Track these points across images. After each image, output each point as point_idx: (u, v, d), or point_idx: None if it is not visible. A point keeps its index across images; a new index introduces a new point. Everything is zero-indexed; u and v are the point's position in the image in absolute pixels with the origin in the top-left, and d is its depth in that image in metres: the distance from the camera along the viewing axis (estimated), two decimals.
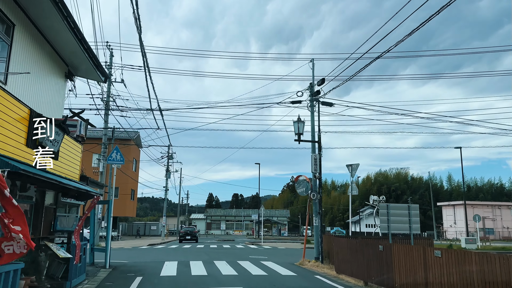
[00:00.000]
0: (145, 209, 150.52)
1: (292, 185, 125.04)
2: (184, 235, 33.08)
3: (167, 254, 16.07)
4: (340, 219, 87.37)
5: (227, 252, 17.94)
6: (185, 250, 19.49)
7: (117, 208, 51.09)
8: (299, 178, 14.34)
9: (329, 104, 14.67)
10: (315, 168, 13.78)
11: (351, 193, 15.55)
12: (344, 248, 10.79)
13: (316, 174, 13.75)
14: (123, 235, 57.09)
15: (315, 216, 13.98)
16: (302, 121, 13.99)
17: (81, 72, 11.29)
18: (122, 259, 14.37)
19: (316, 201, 13.99)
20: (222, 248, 21.95)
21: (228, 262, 13.37)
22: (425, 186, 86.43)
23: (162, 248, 21.57)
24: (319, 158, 13.87)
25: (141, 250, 19.97)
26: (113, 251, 18.30)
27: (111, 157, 12.51)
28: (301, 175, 14.29)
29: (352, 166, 15.66)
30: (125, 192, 51.45)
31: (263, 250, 19.98)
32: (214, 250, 18.97)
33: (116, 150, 12.63)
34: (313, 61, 14.95)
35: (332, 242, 12.97)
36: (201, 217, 76.60)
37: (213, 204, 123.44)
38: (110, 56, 24.32)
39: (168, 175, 44.09)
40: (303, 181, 14.29)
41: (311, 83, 14.85)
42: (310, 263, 13.10)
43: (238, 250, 19.79)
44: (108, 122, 23.80)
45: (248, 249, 21.19)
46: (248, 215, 73.47)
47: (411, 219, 13.41)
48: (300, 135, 13.91)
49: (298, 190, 14.37)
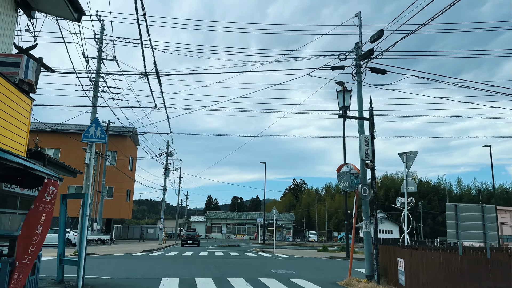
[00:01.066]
0: (143, 211, 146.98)
1: (295, 188, 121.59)
2: (186, 239, 32.37)
3: (164, 265, 12.40)
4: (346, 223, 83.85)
5: (239, 263, 14.29)
6: (186, 259, 15.84)
7: (111, 209, 47.36)
8: (342, 168, 10.72)
9: (381, 72, 11.08)
10: (366, 154, 10.19)
11: (406, 190, 11.93)
12: (433, 267, 7.17)
13: (368, 161, 10.16)
14: (118, 238, 53.32)
15: (366, 219, 10.37)
16: (348, 90, 10.44)
17: (44, 3, 7.71)
18: (105, 274, 10.76)
19: (367, 199, 10.39)
20: (230, 256, 18.29)
21: (248, 280, 9.78)
22: (434, 191, 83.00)
23: (159, 256, 17.90)
24: (371, 140, 10.29)
25: (134, 258, 16.30)
26: (98, 261, 14.71)
27: (88, 133, 8.94)
28: (346, 163, 10.66)
29: (407, 155, 12.03)
30: (120, 192, 47.63)
31: (281, 260, 16.34)
32: (223, 260, 15.31)
33: (96, 124, 9.05)
34: (360, 14, 11.38)
35: (392, 255, 9.36)
36: (201, 220, 72.84)
37: (212, 207, 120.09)
38: (100, 29, 20.74)
39: (167, 173, 40.43)
40: (348, 171, 10.68)
41: (358, 43, 11.26)
42: (361, 284, 9.48)
43: (251, 260, 16.14)
44: (96, 106, 20.19)
45: (261, 258, 17.54)
46: (250, 218, 69.73)
47: (486, 224, 9.91)
48: (346, 109, 10.35)
49: (340, 185, 10.75)
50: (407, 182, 11.95)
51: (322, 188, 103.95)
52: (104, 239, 37.35)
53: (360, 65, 11.06)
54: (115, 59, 20.44)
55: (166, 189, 42.11)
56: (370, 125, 10.43)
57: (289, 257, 19.56)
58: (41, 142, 11.53)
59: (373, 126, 10.40)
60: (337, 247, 32.98)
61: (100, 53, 20.40)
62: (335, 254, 21.04)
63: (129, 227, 59.84)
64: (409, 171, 11.89)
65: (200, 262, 14.29)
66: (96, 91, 19.99)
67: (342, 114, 10.26)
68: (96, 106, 19.12)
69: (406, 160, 11.97)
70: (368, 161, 10.21)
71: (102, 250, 22.83)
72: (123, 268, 12.21)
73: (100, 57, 20.36)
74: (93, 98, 19.96)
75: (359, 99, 10.93)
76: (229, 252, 22.63)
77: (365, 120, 10.54)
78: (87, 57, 19.50)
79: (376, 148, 10.61)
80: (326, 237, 70.78)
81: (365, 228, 10.36)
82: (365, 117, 10.55)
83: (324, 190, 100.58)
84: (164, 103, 15.81)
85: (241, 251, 24.94)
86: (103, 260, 15.22)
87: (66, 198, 9.70)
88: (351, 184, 10.72)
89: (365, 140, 10.27)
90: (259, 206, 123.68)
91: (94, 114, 19.96)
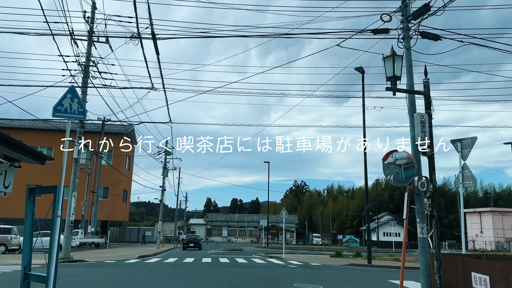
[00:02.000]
0: (141, 213, 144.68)
1: (296, 189, 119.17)
2: (188, 242, 33.34)
3: (163, 278, 10.11)
4: (349, 226, 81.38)
5: (251, 273, 12.01)
6: (189, 269, 13.54)
7: (107, 211, 44.87)
8: (388, 157, 8.44)
9: (434, 37, 8.81)
10: (422, 138, 7.93)
11: (463, 185, 9.62)
12: None
13: (425, 148, 7.90)
14: (114, 242, 50.87)
15: (421, 221, 8.09)
16: (399, 55, 8.17)
17: None
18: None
19: (422, 195, 8.11)
20: (238, 264, 15.98)
21: None
22: (440, 192, 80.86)
23: (157, 264, 15.58)
24: (428, 120, 8.03)
25: (127, 267, 13.98)
26: (84, 270, 12.39)
27: (60, 106, 6.68)
28: (395, 151, 8.38)
29: (462, 142, 9.75)
30: (116, 192, 45.20)
31: (298, 270, 14.07)
32: (231, 270, 13.02)
33: (71, 94, 6.79)
34: None
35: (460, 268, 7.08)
36: (200, 223, 70.40)
37: (211, 209, 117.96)
38: (92, 7, 18.47)
39: (165, 173, 38.08)
40: (392, 163, 8.42)
41: (405, 1, 8.97)
42: None
43: (264, 269, 13.84)
44: (86, 93, 17.90)
45: (274, 267, 15.24)
46: (252, 220, 67.39)
47: None
48: (396, 80, 8.07)
49: (388, 176, 8.47)
50: (463, 176, 9.65)
51: (323, 189, 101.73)
52: (99, 243, 34.98)
53: (408, 27, 8.79)
54: (108, 41, 18.18)
55: (165, 190, 39.80)
56: (426, 100, 8.16)
57: (303, 264, 17.27)
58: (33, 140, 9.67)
59: (430, 102, 8.13)
60: (349, 251, 30.69)
61: (90, 33, 18.11)
62: (355, 261, 18.76)
63: (126, 230, 57.42)
64: (465, 162, 9.62)
65: (205, 272, 11.98)
66: (87, 77, 17.71)
67: (391, 86, 7.98)
68: (86, 86, 16.82)
69: (461, 149, 9.69)
70: (425, 148, 7.94)
71: (93, 256, 20.50)
72: (112, 280, 9.89)
73: (90, 39, 18.07)
74: (82, 84, 17.69)
75: (409, 70, 8.65)
76: (234, 258, 20.32)
77: (419, 94, 8.27)
78: (75, 38, 17.26)
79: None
80: (331, 240, 68.44)
81: (421, 232, 8.08)
82: (419, 90, 8.27)
83: (326, 192, 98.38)
84: (162, 80, 13.48)
85: (247, 256, 22.64)
86: (90, 269, 12.90)
87: (34, 193, 7.38)
88: (397, 178, 8.45)
89: (421, 120, 8.02)
90: (259, 208, 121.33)
91: (83, 102, 17.63)
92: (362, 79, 18.76)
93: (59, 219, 6.72)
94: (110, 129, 44.64)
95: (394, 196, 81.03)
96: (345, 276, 12.24)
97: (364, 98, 18.38)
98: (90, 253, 23.19)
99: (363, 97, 18.45)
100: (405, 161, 8.31)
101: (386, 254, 28.36)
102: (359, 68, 18.75)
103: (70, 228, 16.86)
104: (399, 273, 14.30)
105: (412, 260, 20.69)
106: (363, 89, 18.66)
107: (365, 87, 18.74)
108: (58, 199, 6.74)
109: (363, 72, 18.84)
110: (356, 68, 18.78)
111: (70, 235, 16.87)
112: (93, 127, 44.10)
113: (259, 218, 64.88)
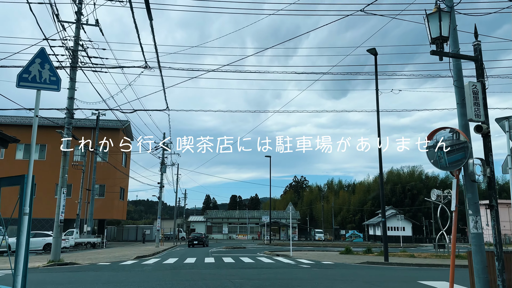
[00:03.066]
0: (140, 212, 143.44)
1: (296, 185, 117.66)
2: (192, 240, 36.31)
3: (161, 285, 8.62)
4: (351, 221, 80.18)
5: (262, 275, 10.61)
6: (191, 271, 12.16)
7: (103, 209, 43.31)
8: (431, 138, 7.00)
9: None
10: (476, 112, 6.51)
11: None
12: None
13: (480, 123, 6.47)
14: (112, 241, 49.41)
15: (474, 214, 6.66)
16: (446, 11, 6.70)
17: None
18: None
19: (476, 182, 6.67)
20: (244, 264, 14.55)
21: None
22: (442, 185, 79.63)
23: (156, 266, 14.15)
24: (482, 90, 6.59)
25: (122, 270, 12.54)
26: (72, 275, 10.86)
27: (27, 73, 5.22)
28: (443, 127, 6.94)
29: (510, 121, 8.33)
30: (112, 190, 43.65)
31: (312, 270, 12.70)
32: (238, 272, 11.62)
33: (41, 58, 5.34)
34: None
35: None
36: (200, 220, 69.00)
37: (210, 206, 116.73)
38: None
39: (163, 168, 36.59)
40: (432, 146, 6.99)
41: None
42: None
43: (274, 270, 12.43)
44: (75, 80, 16.38)
45: (284, 267, 13.82)
46: (252, 217, 66.03)
47: None
48: (443, 42, 6.61)
49: (432, 159, 7.03)
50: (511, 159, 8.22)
51: (324, 184, 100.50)
52: (95, 243, 33.55)
53: None
54: (97, 24, 16.65)
55: (163, 186, 38.31)
56: (478, 67, 6.73)
57: (315, 263, 15.87)
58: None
59: (483, 69, 6.70)
60: (357, 247, 29.36)
61: (79, 16, 16.57)
62: (370, 258, 17.38)
63: (124, 229, 55.99)
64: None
65: (209, 276, 10.55)
66: (75, 62, 16.18)
67: (437, 50, 6.53)
68: (75, 66, 15.30)
69: (509, 128, 8.20)
70: (480, 123, 6.51)
71: (87, 257, 19.04)
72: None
73: (79, 21, 16.53)
74: (70, 70, 16.17)
75: (453, 33, 7.19)
76: (239, 257, 18.91)
77: (469, 60, 6.83)
78: (62, 20, 15.73)
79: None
80: (333, 235, 67.18)
81: (474, 227, 6.65)
82: (469, 55, 6.82)
83: (326, 187, 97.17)
84: (157, 52, 11.97)
85: (252, 255, 21.24)
86: (79, 274, 11.44)
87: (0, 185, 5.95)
88: (440, 163, 7.02)
89: (473, 91, 6.58)
90: (259, 205, 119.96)
91: (72, 90, 16.15)
92: (375, 61, 17.36)
93: (27, 218, 5.26)
94: (105, 124, 43.10)
95: (396, 190, 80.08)
96: (367, 278, 10.84)
97: (377, 80, 16.98)
98: (84, 254, 21.74)
99: (376, 79, 17.07)
100: (452, 142, 6.89)
101: (397, 250, 27.03)
102: (371, 50, 17.33)
103: (60, 228, 15.40)
104: (422, 272, 12.96)
105: (429, 257, 19.34)
106: (376, 72, 17.27)
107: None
108: (26, 192, 5.28)
109: (375, 54, 17.43)
110: (369, 50, 17.36)
111: (60, 236, 15.40)
112: (87, 123, 42.52)
113: (260, 215, 63.52)
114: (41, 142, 41.15)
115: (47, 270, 12.93)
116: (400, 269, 13.77)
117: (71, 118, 15.78)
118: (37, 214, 38.17)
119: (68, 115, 15.55)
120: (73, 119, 15.99)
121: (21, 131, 39.20)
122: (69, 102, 15.74)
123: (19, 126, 39.93)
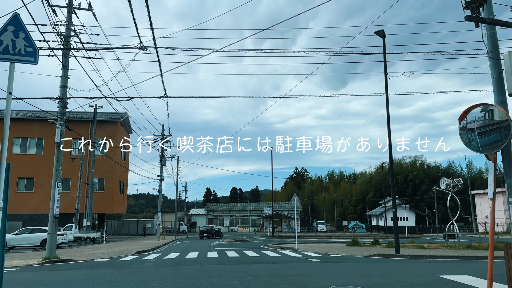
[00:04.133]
0: (141, 205, 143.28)
1: (296, 176, 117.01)
2: (203, 232, 38.93)
3: (162, 284, 7.86)
4: (352, 211, 79.72)
5: (270, 271, 9.90)
6: (193, 267, 11.44)
7: (103, 203, 42.60)
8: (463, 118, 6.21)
9: None
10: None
11: None
12: None
13: None
14: (112, 235, 48.84)
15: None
16: None
17: None
18: None
19: None
20: (249, 259, 13.83)
21: None
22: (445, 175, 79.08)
23: (156, 262, 13.44)
24: None
25: (120, 267, 11.80)
26: (64, 274, 10.11)
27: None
28: (478, 104, 6.15)
29: None
30: (112, 183, 42.90)
31: (321, 264, 11.98)
32: (244, 268, 10.90)
33: (15, 25, 4.54)
34: None
35: None
36: (201, 213, 68.47)
37: (211, 199, 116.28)
38: None
39: (163, 161, 35.82)
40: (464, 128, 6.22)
41: None
42: None
43: (282, 265, 11.71)
44: (68, 68, 15.51)
45: (292, 261, 13.10)
46: (254, 209, 65.49)
47: None
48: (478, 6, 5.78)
49: (464, 138, 6.24)
50: None
51: (325, 176, 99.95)
52: (95, 237, 32.90)
53: None
54: (90, 7, 15.74)
55: (163, 179, 37.59)
56: None
57: (323, 256, 15.17)
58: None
59: None
60: (363, 238, 28.72)
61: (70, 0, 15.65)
62: (380, 250, 16.67)
63: (124, 223, 55.41)
64: None
65: (214, 273, 9.82)
66: (67, 49, 15.30)
67: (472, 15, 5.71)
68: (68, 48, 14.43)
69: None
70: None
71: (85, 253, 18.36)
72: None
73: (71, 5, 15.62)
74: (62, 58, 15.30)
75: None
76: (243, 251, 18.22)
77: (508, 27, 6.00)
78: (52, 4, 14.83)
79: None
80: (336, 226, 66.67)
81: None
82: (509, 21, 5.99)
83: (327, 178, 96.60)
84: (152, 30, 11.11)
85: (256, 248, 20.56)
86: (73, 273, 10.70)
87: None
88: (472, 146, 6.27)
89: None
90: (259, 197, 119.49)
91: (65, 77, 15.29)
92: (383, 44, 16.48)
93: (2, 213, 4.47)
94: (103, 117, 42.27)
95: (398, 180, 79.56)
96: (383, 272, 10.12)
97: (386, 63, 16.15)
98: (82, 250, 21.06)
99: (385, 62, 16.25)
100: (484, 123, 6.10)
101: (404, 240, 26.38)
102: (379, 32, 16.46)
103: (55, 223, 14.65)
104: (439, 264, 12.20)
105: (440, 247, 18.66)
106: (385, 55, 16.43)
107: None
108: None
109: (383, 36, 16.56)
110: (376, 32, 16.50)
111: (55, 231, 14.65)
112: (85, 116, 41.68)
113: (262, 207, 62.97)
114: (38, 136, 40.33)
115: (41, 268, 12.21)
116: (414, 262, 13.06)
117: (64, 107, 14.94)
118: (35, 210, 37.50)
119: (61, 105, 14.72)
120: (66, 109, 15.16)
121: (17, 124, 38.35)
122: (62, 91, 14.89)
123: (14, 120, 38.95)
